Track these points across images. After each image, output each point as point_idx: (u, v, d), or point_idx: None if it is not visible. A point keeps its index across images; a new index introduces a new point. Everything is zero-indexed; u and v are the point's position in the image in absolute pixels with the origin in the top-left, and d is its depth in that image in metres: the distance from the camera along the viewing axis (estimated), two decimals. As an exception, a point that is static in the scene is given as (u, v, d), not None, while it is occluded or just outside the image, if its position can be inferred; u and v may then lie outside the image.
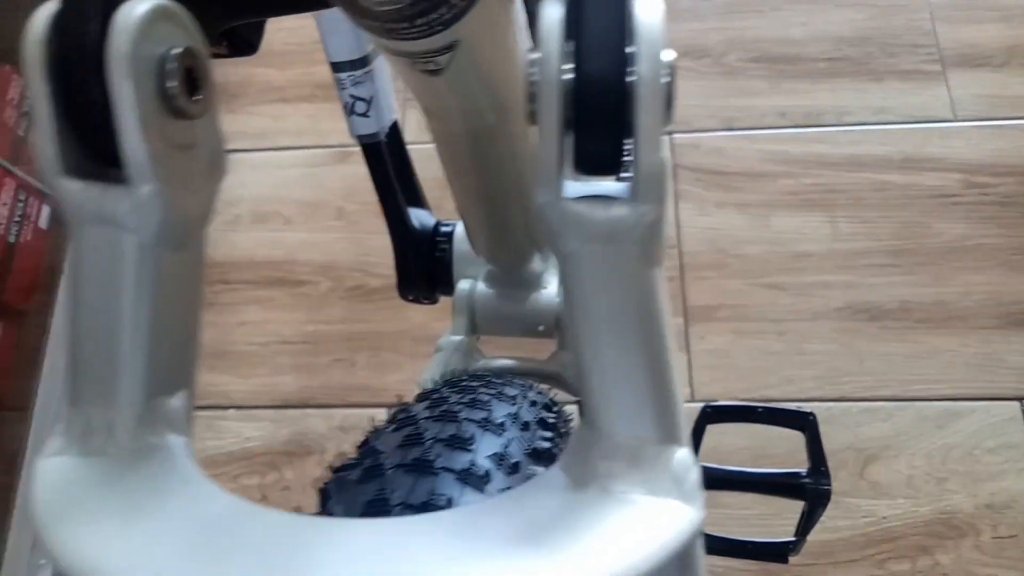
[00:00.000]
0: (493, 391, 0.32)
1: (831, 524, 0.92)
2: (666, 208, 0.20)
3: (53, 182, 0.21)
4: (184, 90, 0.22)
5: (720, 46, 1.15)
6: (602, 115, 0.19)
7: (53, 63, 0.21)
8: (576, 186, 0.20)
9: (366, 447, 0.30)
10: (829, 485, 0.59)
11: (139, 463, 0.21)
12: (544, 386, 0.43)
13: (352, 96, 0.48)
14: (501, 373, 0.53)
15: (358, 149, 1.15)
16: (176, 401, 0.23)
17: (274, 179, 1.15)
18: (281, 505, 0.95)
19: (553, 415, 0.34)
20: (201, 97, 0.23)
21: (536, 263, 0.50)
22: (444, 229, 0.56)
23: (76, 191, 0.21)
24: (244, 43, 0.40)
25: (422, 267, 0.56)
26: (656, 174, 0.19)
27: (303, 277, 1.09)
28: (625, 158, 0.20)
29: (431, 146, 0.52)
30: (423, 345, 1.05)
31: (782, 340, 1.01)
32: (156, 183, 0.21)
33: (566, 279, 0.20)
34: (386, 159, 0.52)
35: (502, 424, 0.29)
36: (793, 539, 0.63)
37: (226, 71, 1.21)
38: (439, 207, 0.71)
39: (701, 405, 1.00)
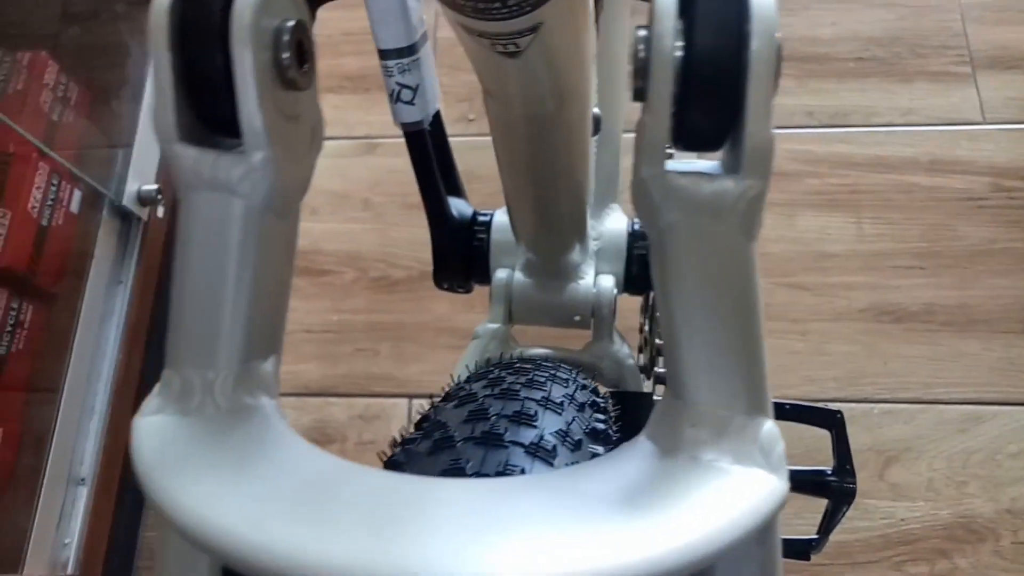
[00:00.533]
0: (548, 373, 0.33)
1: (849, 525, 0.92)
2: (769, 183, 0.20)
3: (169, 149, 0.22)
4: (295, 62, 0.22)
5: (748, 45, 1.15)
6: (714, 90, 0.19)
7: (177, 32, 0.21)
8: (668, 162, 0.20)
9: (429, 422, 0.30)
10: (855, 484, 0.59)
11: (237, 423, 0.21)
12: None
13: (399, 84, 0.49)
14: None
15: (385, 141, 1.16)
16: (268, 365, 0.23)
17: (300, 169, 1.15)
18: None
19: (602, 399, 0.34)
20: (307, 69, 0.23)
21: (576, 254, 0.50)
22: (482, 218, 0.57)
23: (190, 157, 0.22)
24: None
25: (459, 256, 0.56)
26: (764, 149, 0.20)
27: (328, 267, 1.10)
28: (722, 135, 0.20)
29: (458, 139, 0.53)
30: (445, 336, 1.06)
31: (804, 340, 1.01)
32: (269, 150, 0.22)
33: (661, 252, 0.21)
34: (429, 147, 0.52)
35: (561, 403, 0.30)
36: (816, 537, 0.63)
37: (255, 61, 1.22)
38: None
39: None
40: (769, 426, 0.20)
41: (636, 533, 0.16)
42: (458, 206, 0.57)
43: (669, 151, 0.21)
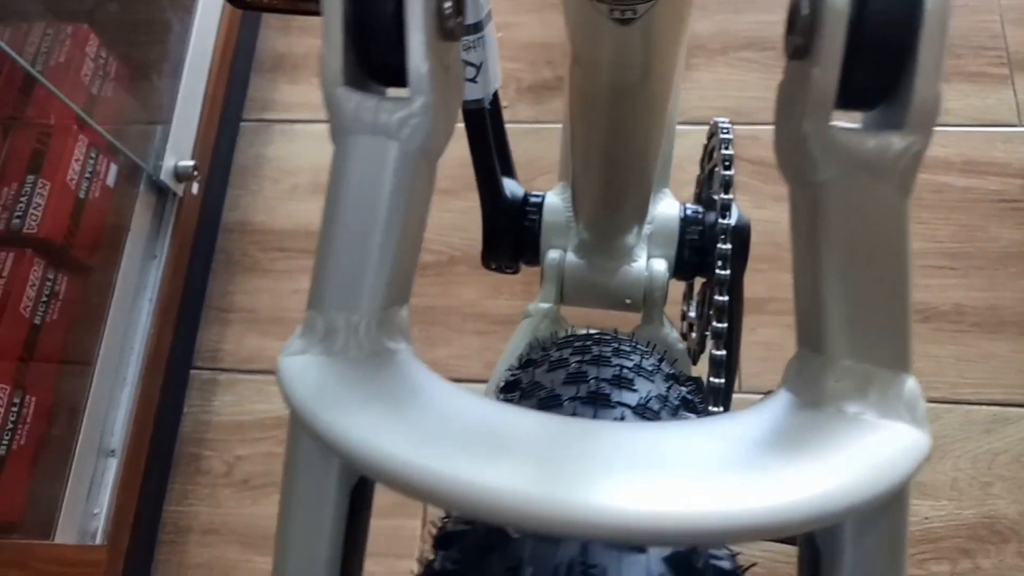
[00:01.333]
0: (630, 345, 0.33)
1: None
2: (931, 139, 0.21)
3: (333, 92, 0.23)
4: (454, 11, 0.23)
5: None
6: (886, 46, 0.19)
7: None
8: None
9: (522, 385, 0.31)
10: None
11: (384, 365, 0.22)
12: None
13: (463, 61, 0.49)
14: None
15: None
16: (404, 312, 0.24)
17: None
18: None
19: (679, 372, 0.34)
20: (460, 21, 0.24)
21: (632, 236, 0.50)
22: (534, 199, 0.57)
23: (353, 101, 0.22)
24: None
25: (511, 236, 0.57)
26: (932, 105, 0.20)
27: (357, 249, 1.10)
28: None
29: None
30: (472, 321, 1.06)
31: (833, 336, 1.01)
32: (430, 96, 0.22)
33: (813, 208, 0.21)
34: (487, 126, 0.52)
35: (652, 371, 0.30)
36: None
37: (290, 42, 1.23)
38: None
39: (749, 396, 1.01)
40: (913, 383, 0.20)
41: (796, 477, 0.17)
42: (510, 186, 0.57)
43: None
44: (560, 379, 0.29)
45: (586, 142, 0.39)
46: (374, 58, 0.23)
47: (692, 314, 0.64)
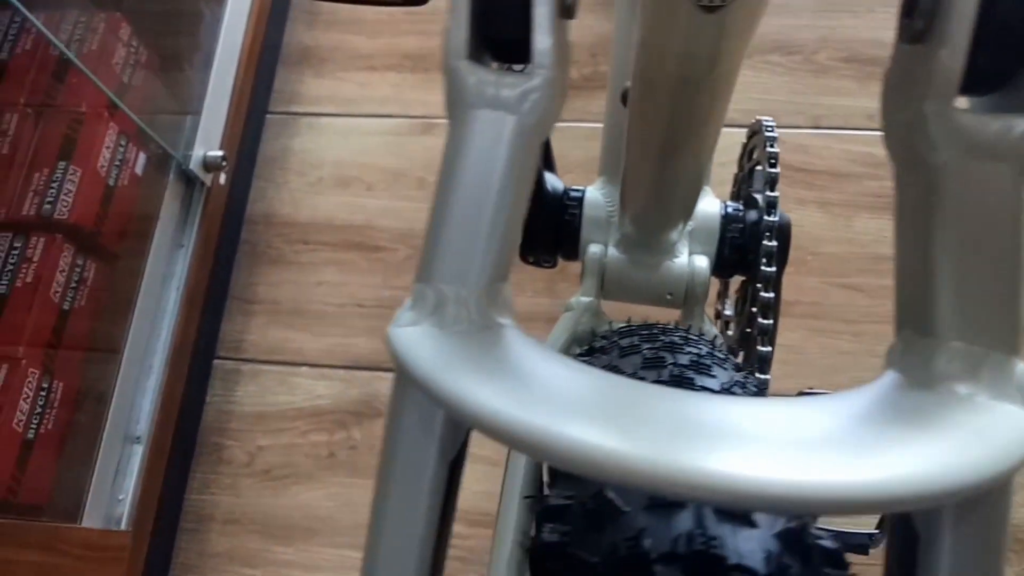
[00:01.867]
0: (694, 334, 0.33)
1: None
2: None
3: (456, 65, 0.23)
4: None
5: (812, 44, 1.15)
6: (1013, 31, 0.19)
7: None
8: None
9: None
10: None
11: (496, 337, 0.22)
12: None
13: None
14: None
15: (442, 122, 1.16)
16: (507, 288, 0.24)
17: (358, 145, 1.16)
18: (347, 465, 0.98)
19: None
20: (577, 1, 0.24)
21: (676, 232, 0.51)
22: (574, 194, 0.57)
23: (475, 75, 0.23)
24: None
25: (550, 230, 0.57)
26: None
27: (381, 243, 1.11)
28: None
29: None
30: (495, 319, 1.07)
31: (857, 341, 1.01)
32: (552, 72, 0.22)
33: (928, 190, 0.21)
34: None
35: (723, 360, 0.30)
36: (875, 531, 0.63)
37: (316, 35, 1.23)
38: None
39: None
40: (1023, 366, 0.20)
41: (905, 454, 0.17)
42: (551, 180, 0.58)
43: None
44: (638, 364, 0.29)
45: (644, 133, 0.39)
46: (497, 33, 0.23)
47: (727, 312, 0.64)
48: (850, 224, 1.06)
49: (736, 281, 0.62)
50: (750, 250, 0.54)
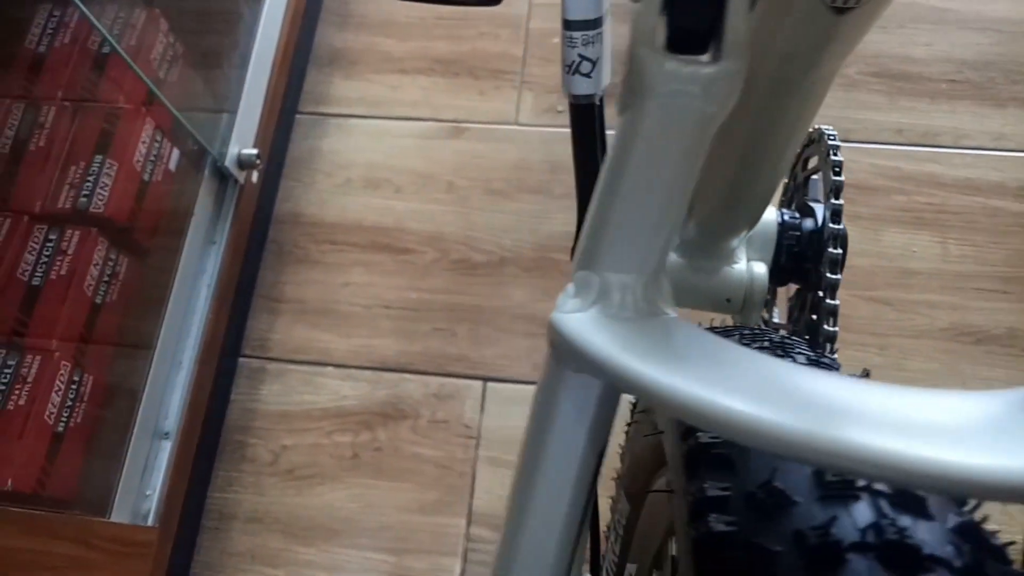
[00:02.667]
0: (791, 338, 0.33)
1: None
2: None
3: (645, 54, 0.23)
4: None
5: (841, 58, 1.15)
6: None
7: None
8: None
9: None
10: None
11: (664, 324, 0.22)
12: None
13: (580, 56, 0.49)
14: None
15: (472, 126, 1.17)
16: (665, 280, 0.24)
17: (387, 147, 1.16)
18: (372, 466, 0.98)
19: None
20: None
21: (739, 238, 0.51)
22: (630, 198, 0.57)
23: (665, 62, 0.23)
24: None
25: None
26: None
27: (409, 245, 1.11)
28: None
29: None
30: (521, 323, 1.07)
31: (883, 355, 1.01)
32: (741, 62, 0.22)
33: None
34: (596, 122, 0.53)
35: (832, 362, 0.30)
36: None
37: (347, 38, 1.24)
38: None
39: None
40: None
41: None
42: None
43: None
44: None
45: (728, 138, 0.39)
46: (688, 21, 0.23)
47: (775, 320, 0.64)
48: (878, 238, 1.06)
49: (781, 291, 0.62)
50: (807, 258, 0.54)
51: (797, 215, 0.56)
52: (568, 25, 0.50)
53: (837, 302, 0.48)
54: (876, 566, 0.22)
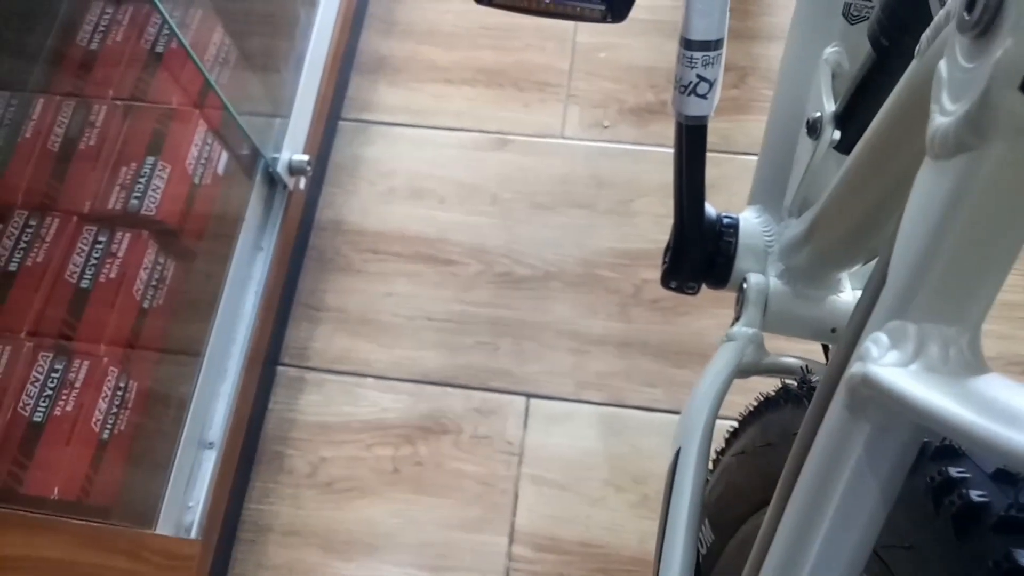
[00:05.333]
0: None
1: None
2: None
3: (1002, 93, 0.21)
4: None
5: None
6: None
7: None
8: None
9: None
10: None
11: (991, 382, 0.20)
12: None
13: (699, 76, 0.48)
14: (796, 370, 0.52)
15: (516, 139, 1.16)
16: (978, 332, 0.23)
17: (431, 157, 1.15)
18: (412, 481, 0.96)
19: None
20: None
21: (853, 268, 0.50)
22: (728, 220, 0.56)
23: (1020, 105, 0.21)
24: (621, 7, 0.41)
25: (704, 256, 0.56)
26: None
27: (453, 257, 1.09)
28: None
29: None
30: (565, 339, 1.05)
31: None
32: None
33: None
34: (705, 142, 0.52)
35: None
36: None
37: (391, 45, 1.22)
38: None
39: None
40: None
41: None
42: (706, 207, 0.57)
43: None
44: None
45: (869, 171, 0.38)
46: None
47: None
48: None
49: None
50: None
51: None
52: (688, 45, 0.49)
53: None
54: None
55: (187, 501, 0.86)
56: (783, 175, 0.56)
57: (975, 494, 0.25)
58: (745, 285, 0.54)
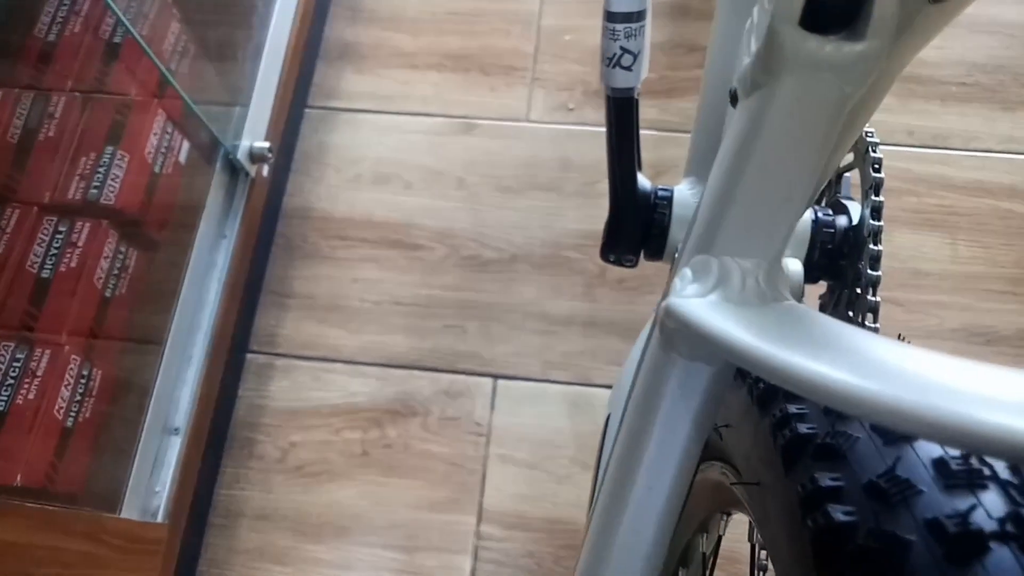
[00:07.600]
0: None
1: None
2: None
3: (784, 30, 0.22)
4: None
5: (853, 59, 1.16)
6: None
7: None
8: None
9: None
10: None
11: (789, 311, 0.21)
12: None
13: (623, 48, 0.49)
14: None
15: (482, 123, 1.16)
16: (792, 266, 0.23)
17: (397, 143, 1.15)
18: (381, 464, 0.97)
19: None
20: None
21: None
22: (663, 192, 0.57)
23: (804, 40, 0.22)
24: None
25: (639, 227, 0.56)
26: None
27: (420, 241, 1.10)
28: None
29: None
30: (532, 321, 1.06)
31: (895, 355, 1.01)
32: (886, 42, 0.22)
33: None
34: (634, 115, 0.52)
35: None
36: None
37: (357, 32, 1.23)
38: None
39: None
40: None
41: None
42: (640, 180, 0.57)
43: None
44: None
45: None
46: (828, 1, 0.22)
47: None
48: (889, 239, 1.06)
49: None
50: (843, 255, 0.53)
51: (830, 212, 0.56)
52: (610, 17, 0.49)
53: (878, 299, 0.47)
54: (1021, 555, 0.21)
55: (153, 486, 0.86)
56: (715, 146, 0.56)
57: (803, 427, 0.26)
58: (678, 255, 0.54)
